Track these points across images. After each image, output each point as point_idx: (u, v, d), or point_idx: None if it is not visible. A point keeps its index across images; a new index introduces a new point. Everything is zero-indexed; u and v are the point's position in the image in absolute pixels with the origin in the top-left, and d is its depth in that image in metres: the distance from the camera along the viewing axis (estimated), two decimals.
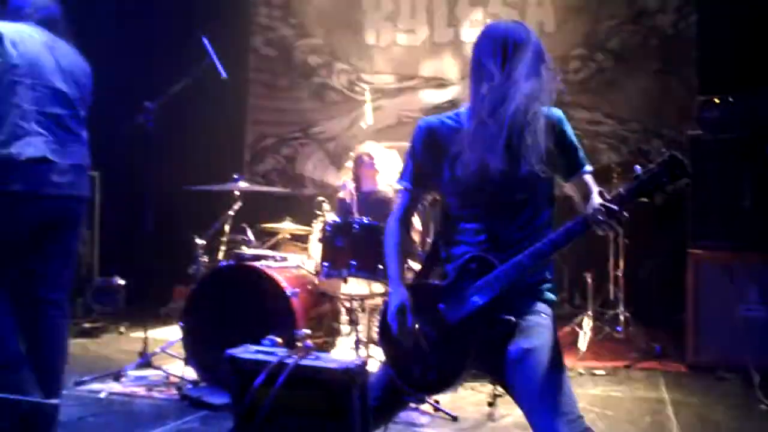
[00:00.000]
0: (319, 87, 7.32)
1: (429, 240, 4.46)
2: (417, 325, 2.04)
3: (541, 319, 2.01)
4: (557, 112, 2.08)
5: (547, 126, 2.00)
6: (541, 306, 2.05)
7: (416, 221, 4.25)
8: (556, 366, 1.94)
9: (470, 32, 6.89)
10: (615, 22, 6.51)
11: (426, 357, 2.02)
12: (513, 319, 1.96)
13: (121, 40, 6.32)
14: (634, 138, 6.38)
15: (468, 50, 6.85)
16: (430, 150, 2.14)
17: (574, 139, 2.10)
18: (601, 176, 5.51)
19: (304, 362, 1.80)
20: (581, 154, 2.12)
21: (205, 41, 4.15)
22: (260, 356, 1.87)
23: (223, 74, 4.21)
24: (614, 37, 6.51)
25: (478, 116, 2.02)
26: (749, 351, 4.14)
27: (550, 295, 2.09)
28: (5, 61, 2.72)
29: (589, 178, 2.10)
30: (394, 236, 2.21)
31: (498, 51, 2.02)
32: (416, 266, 3.53)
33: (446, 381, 2.04)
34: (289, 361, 1.80)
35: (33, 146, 2.75)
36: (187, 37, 6.01)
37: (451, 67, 6.96)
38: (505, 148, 1.99)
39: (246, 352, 1.91)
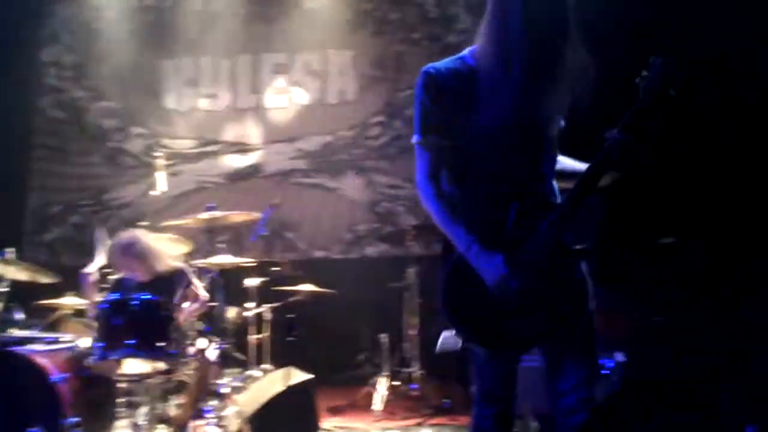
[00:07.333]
0: (113, 152, 7.05)
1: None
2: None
3: None
4: None
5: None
6: None
7: (201, 290, 4.14)
8: None
9: (273, 99, 7.01)
10: (412, 92, 6.93)
11: (516, 311, 1.93)
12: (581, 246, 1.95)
13: None
14: None
15: (271, 116, 6.99)
16: (441, 98, 2.05)
17: None
18: (397, 238, 5.72)
19: None
20: None
21: None
22: None
23: None
24: (411, 105, 6.90)
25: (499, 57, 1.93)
26: (528, 400, 4.43)
27: None
28: None
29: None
30: (434, 194, 2.04)
31: None
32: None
33: (542, 334, 2.00)
34: None
35: None
36: None
37: (255, 132, 7.00)
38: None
39: None
